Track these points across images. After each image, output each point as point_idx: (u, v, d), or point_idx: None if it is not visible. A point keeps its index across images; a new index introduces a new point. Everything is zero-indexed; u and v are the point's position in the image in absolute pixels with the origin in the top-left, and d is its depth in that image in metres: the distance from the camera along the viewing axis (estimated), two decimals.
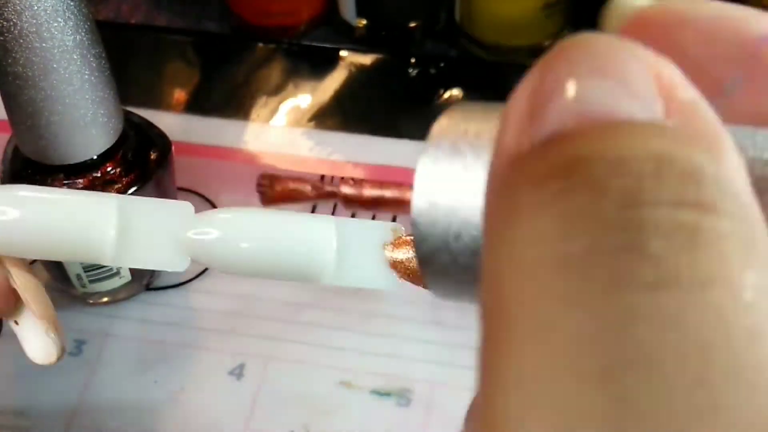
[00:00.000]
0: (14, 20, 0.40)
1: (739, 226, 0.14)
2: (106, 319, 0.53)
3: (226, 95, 0.65)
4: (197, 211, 0.30)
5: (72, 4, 0.41)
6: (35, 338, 0.33)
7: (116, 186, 0.47)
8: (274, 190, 0.32)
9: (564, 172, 0.15)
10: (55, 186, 0.46)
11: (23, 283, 0.31)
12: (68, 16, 0.41)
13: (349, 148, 0.61)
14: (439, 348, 0.51)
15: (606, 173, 0.14)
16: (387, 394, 0.50)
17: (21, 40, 0.41)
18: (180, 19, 0.73)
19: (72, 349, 0.52)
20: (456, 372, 0.50)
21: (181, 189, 0.55)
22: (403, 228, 0.33)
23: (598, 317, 0.14)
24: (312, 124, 0.63)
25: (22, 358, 0.48)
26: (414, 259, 0.29)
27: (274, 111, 0.64)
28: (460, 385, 0.50)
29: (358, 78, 0.66)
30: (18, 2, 0.40)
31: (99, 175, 0.46)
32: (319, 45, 0.69)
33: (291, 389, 0.50)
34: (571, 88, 0.15)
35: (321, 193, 0.31)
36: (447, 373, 0.50)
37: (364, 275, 0.32)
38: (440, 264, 0.18)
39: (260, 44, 0.68)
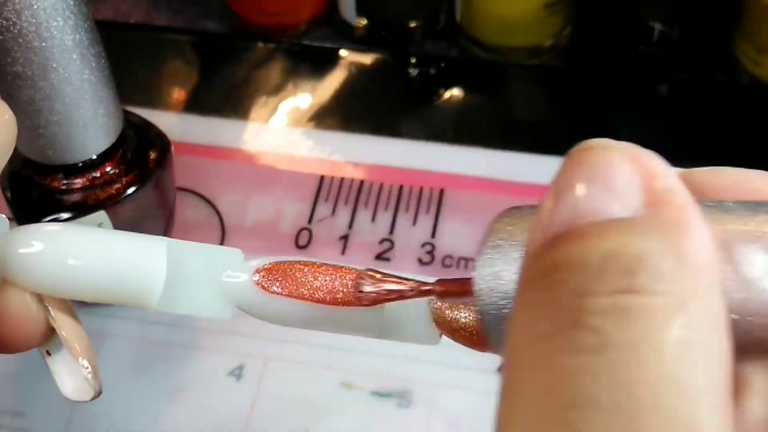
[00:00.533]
0: (13, 19, 0.40)
1: (668, 299, 0.19)
2: (105, 319, 0.53)
3: (226, 95, 0.65)
4: (198, 212, 0.29)
5: (71, 3, 0.41)
6: (69, 375, 0.31)
7: (115, 186, 0.47)
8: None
9: (544, 274, 0.20)
10: (54, 186, 0.46)
11: (62, 322, 0.31)
12: (68, 16, 0.41)
13: (349, 148, 0.61)
14: (440, 349, 0.51)
15: (567, 275, 0.20)
16: (387, 394, 0.50)
17: (20, 40, 0.41)
18: (179, 19, 0.73)
19: None
20: (456, 373, 0.50)
21: (180, 189, 0.55)
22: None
23: (555, 374, 0.19)
24: (312, 123, 0.63)
25: (20, 358, 0.48)
26: (464, 321, 0.31)
27: (274, 111, 0.64)
28: (460, 386, 0.50)
29: (358, 78, 0.65)
30: (17, 1, 0.40)
31: (98, 175, 0.46)
32: (318, 45, 0.69)
33: (291, 390, 0.50)
34: (569, 197, 0.21)
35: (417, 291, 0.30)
36: (447, 374, 0.50)
37: (198, 304, 0.29)
38: (498, 332, 0.23)
39: (260, 44, 0.68)
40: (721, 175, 0.25)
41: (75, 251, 0.28)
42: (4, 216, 0.29)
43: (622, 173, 0.21)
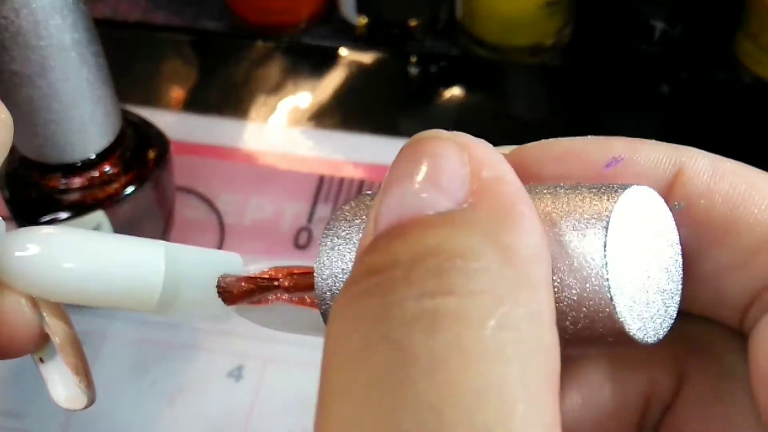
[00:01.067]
0: (12, 18, 0.40)
1: (480, 299, 0.18)
2: (103, 319, 0.53)
3: (225, 94, 0.65)
4: (197, 211, 0.29)
5: (70, 1, 0.41)
6: (62, 383, 0.31)
7: (114, 185, 0.47)
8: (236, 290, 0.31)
9: (357, 279, 0.19)
10: (52, 185, 0.46)
11: (56, 328, 0.30)
12: (66, 14, 0.41)
13: (349, 147, 0.61)
14: None
15: (377, 279, 0.19)
16: None
17: (18, 38, 0.41)
18: (178, 18, 0.73)
19: None
20: None
21: (179, 188, 0.55)
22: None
23: (362, 405, 0.18)
24: (311, 123, 0.63)
25: (17, 359, 0.48)
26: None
27: (273, 110, 0.64)
28: None
29: (358, 77, 0.65)
30: (16, 0, 0.40)
31: (97, 174, 0.46)
32: (318, 43, 0.69)
33: (290, 391, 0.50)
34: (395, 192, 0.20)
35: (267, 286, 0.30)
36: None
37: (196, 307, 0.29)
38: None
39: (259, 42, 0.68)
40: (551, 147, 0.24)
41: (72, 254, 0.28)
42: (0, 218, 0.28)
43: (449, 164, 0.20)
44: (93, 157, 0.46)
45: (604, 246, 0.20)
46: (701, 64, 0.66)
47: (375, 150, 0.61)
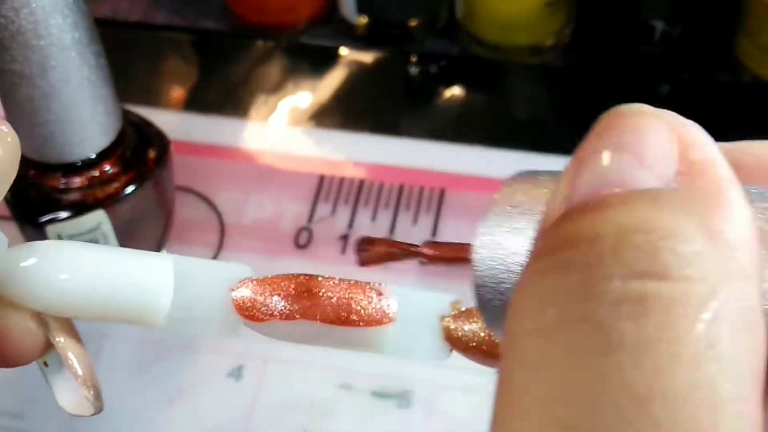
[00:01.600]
0: (12, 17, 0.40)
1: (694, 287, 0.17)
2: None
3: (225, 93, 0.65)
4: (197, 211, 0.29)
5: (70, 1, 0.41)
6: (68, 388, 0.30)
7: (114, 185, 0.47)
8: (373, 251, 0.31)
9: (552, 250, 0.18)
10: (52, 185, 0.46)
11: (64, 342, 0.30)
12: (66, 14, 0.41)
13: (349, 147, 0.61)
14: None
15: (577, 252, 0.18)
16: (387, 395, 0.50)
17: (19, 38, 0.41)
18: (178, 17, 0.73)
19: None
20: (456, 374, 0.50)
21: (179, 188, 0.55)
22: (461, 300, 0.31)
23: (560, 380, 0.17)
24: (312, 122, 0.63)
25: None
26: (475, 331, 0.29)
27: (274, 109, 0.64)
28: (460, 387, 0.50)
29: (358, 76, 0.65)
30: (16, 0, 0.40)
31: (97, 174, 0.46)
32: (318, 43, 0.69)
33: (290, 391, 0.50)
34: (593, 165, 0.19)
35: (408, 253, 0.29)
36: (447, 375, 0.50)
37: (206, 322, 0.29)
38: (494, 309, 0.21)
39: (259, 42, 0.68)
40: (756, 149, 0.23)
41: (78, 268, 0.27)
42: (2, 234, 0.28)
43: (655, 140, 0.19)
44: (93, 156, 0.46)
45: None
46: (701, 64, 0.66)
47: (375, 149, 0.61)
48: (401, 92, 0.64)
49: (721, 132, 0.66)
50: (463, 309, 0.30)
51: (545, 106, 0.65)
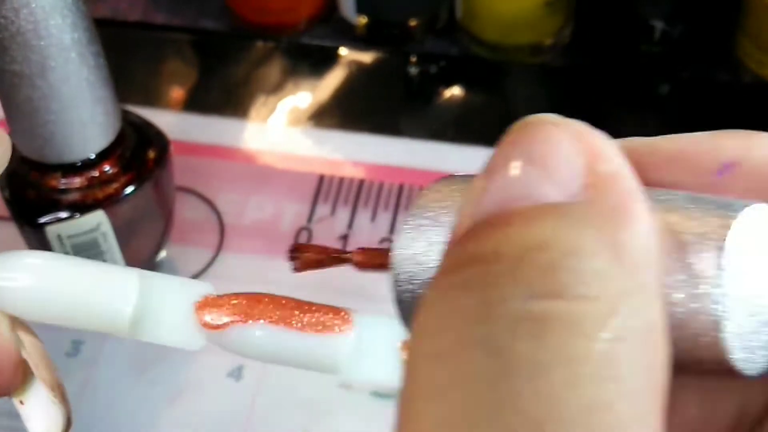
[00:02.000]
0: (12, 18, 0.40)
1: (593, 305, 0.16)
2: None
3: (225, 94, 0.65)
4: (197, 211, 0.29)
5: (70, 1, 0.41)
6: (40, 412, 0.32)
7: (114, 185, 0.47)
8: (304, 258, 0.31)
9: (454, 269, 0.18)
10: (52, 185, 0.46)
11: (32, 349, 0.31)
12: (66, 14, 0.41)
13: (349, 146, 0.61)
14: None
15: (477, 272, 0.17)
16: (386, 395, 0.50)
17: (18, 38, 0.41)
18: (178, 17, 0.73)
19: (69, 349, 0.52)
20: None
21: (179, 188, 0.55)
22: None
23: (455, 407, 0.16)
24: (311, 123, 0.63)
25: None
26: None
27: (273, 110, 0.64)
28: None
29: (358, 76, 0.66)
30: (16, 0, 0.40)
31: (97, 174, 0.47)
32: (318, 43, 0.69)
33: (290, 391, 0.50)
34: (499, 178, 0.18)
35: (337, 259, 0.30)
36: None
37: (169, 333, 0.30)
38: (408, 307, 0.22)
39: (259, 42, 0.68)
40: (658, 148, 0.22)
41: (52, 282, 0.29)
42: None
43: (562, 152, 0.18)
44: (93, 156, 0.46)
45: (719, 266, 0.19)
46: (701, 64, 0.66)
47: (375, 149, 0.61)
48: (401, 92, 0.64)
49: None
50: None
51: (545, 106, 0.65)
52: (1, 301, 0.29)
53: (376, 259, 0.26)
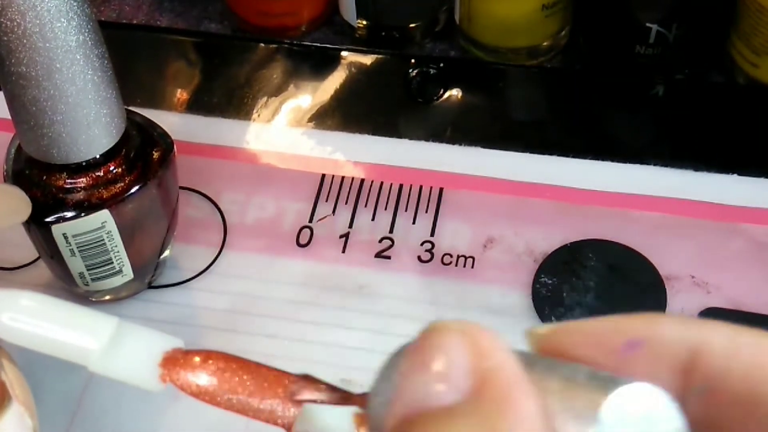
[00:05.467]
0: (18, 20, 0.40)
1: None
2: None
3: (228, 95, 0.65)
4: (200, 210, 0.28)
5: (75, 4, 0.41)
6: (14, 427, 0.34)
7: (119, 185, 0.47)
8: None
9: None
10: (58, 185, 0.46)
11: (9, 372, 0.34)
12: (71, 17, 0.41)
13: (350, 147, 0.61)
14: None
15: None
16: None
17: (24, 41, 0.41)
18: (182, 20, 0.74)
19: None
20: None
21: (183, 188, 0.55)
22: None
23: None
24: (312, 123, 0.63)
25: (21, 357, 0.48)
26: None
27: (275, 111, 0.64)
28: None
29: (359, 78, 0.66)
30: (22, 3, 0.40)
31: (102, 174, 0.47)
32: (319, 45, 0.69)
33: None
34: (404, 386, 0.21)
35: None
36: None
37: (132, 374, 0.31)
38: None
39: (261, 45, 0.68)
40: (573, 332, 0.25)
41: (42, 321, 0.31)
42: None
43: (455, 356, 0.21)
44: (98, 157, 0.46)
45: None
46: (696, 66, 0.67)
47: (375, 150, 0.61)
48: (401, 94, 0.65)
49: (716, 133, 0.67)
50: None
51: (542, 108, 0.65)
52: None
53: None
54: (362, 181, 0.59)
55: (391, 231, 0.57)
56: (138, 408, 0.50)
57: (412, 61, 0.66)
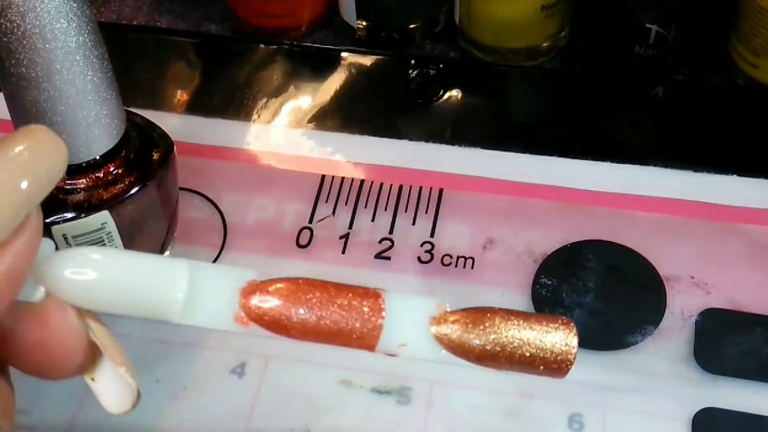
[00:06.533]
0: (18, 22, 0.40)
1: None
2: (108, 318, 0.53)
3: (228, 96, 0.65)
4: (200, 211, 0.29)
5: (75, 5, 0.41)
6: (111, 389, 0.34)
7: (119, 186, 0.47)
8: None
9: None
10: (57, 186, 0.46)
11: (100, 333, 0.33)
12: (71, 18, 0.41)
13: (350, 148, 0.61)
14: None
15: None
16: (387, 392, 0.50)
17: (24, 42, 0.41)
18: (182, 21, 0.74)
19: None
20: (455, 370, 0.50)
21: (183, 189, 0.55)
22: (447, 304, 0.34)
23: None
24: (312, 124, 0.63)
25: None
26: (460, 333, 0.33)
27: (275, 112, 0.64)
28: (459, 384, 0.50)
29: (359, 79, 0.66)
30: (21, 4, 0.40)
31: (102, 175, 0.47)
32: (319, 46, 0.69)
33: (292, 388, 0.50)
34: None
35: None
36: (446, 372, 0.50)
37: (216, 318, 0.32)
38: None
39: (261, 46, 0.68)
40: None
41: (114, 274, 0.31)
42: (50, 240, 0.31)
43: None
44: (98, 158, 0.46)
45: None
46: (695, 67, 0.67)
47: (375, 151, 0.61)
48: (400, 95, 0.65)
49: (716, 133, 0.67)
50: (449, 311, 0.34)
51: (542, 108, 0.65)
52: (69, 293, 0.31)
53: None
54: (362, 182, 0.59)
55: (390, 232, 0.57)
56: (138, 408, 0.50)
57: (412, 62, 0.66)
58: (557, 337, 0.32)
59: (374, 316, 0.33)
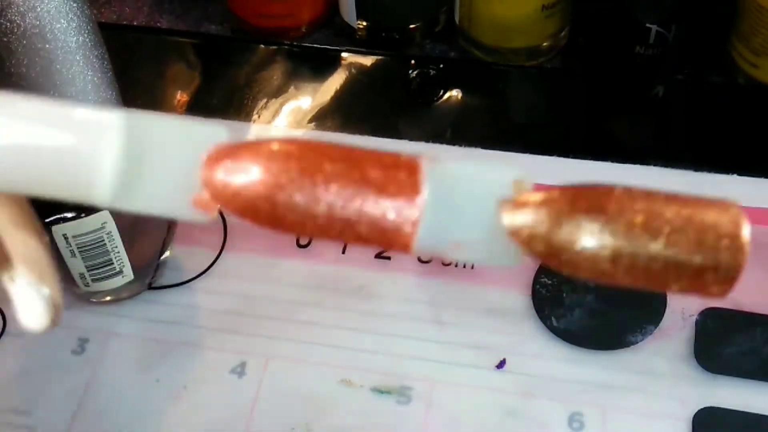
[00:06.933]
0: (18, 21, 0.40)
1: None
2: (108, 318, 0.53)
3: (228, 97, 0.65)
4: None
5: (75, 6, 0.42)
6: (26, 298, 0.25)
7: None
8: None
9: None
10: None
11: (14, 236, 0.26)
12: (71, 18, 0.42)
13: None
14: (439, 346, 0.52)
15: None
16: (387, 392, 0.50)
17: (24, 41, 0.41)
18: (182, 22, 0.74)
19: (75, 347, 0.52)
20: (455, 370, 0.51)
21: None
22: (528, 180, 0.23)
23: None
24: (313, 125, 0.63)
25: (25, 356, 0.48)
26: (542, 225, 0.22)
27: (276, 112, 0.64)
28: (459, 383, 0.50)
29: (359, 79, 0.66)
30: (22, 4, 0.40)
31: None
32: (319, 47, 0.69)
33: (292, 387, 0.50)
34: None
35: None
36: (446, 372, 0.50)
37: (167, 201, 0.22)
38: None
39: (261, 46, 0.68)
40: None
41: (9, 138, 0.23)
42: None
43: None
44: None
45: None
46: (696, 67, 0.67)
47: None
48: (400, 95, 0.65)
49: (716, 133, 0.66)
50: (532, 190, 0.23)
51: (542, 108, 0.65)
52: None
53: None
54: None
55: None
56: (138, 408, 0.50)
57: (412, 62, 0.66)
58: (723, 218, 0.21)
59: (409, 198, 0.22)
